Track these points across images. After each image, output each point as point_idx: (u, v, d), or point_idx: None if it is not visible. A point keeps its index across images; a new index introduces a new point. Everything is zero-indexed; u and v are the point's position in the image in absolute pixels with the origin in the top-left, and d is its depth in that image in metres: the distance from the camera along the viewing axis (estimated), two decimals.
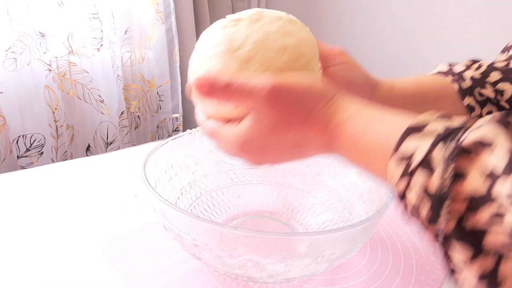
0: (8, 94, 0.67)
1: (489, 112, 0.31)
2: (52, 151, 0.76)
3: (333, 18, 1.17)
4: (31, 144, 0.73)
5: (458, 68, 0.33)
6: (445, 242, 0.15)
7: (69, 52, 0.76)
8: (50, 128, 0.74)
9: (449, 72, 0.33)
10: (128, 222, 0.36)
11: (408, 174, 0.16)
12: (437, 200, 0.15)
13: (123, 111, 0.88)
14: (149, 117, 1.00)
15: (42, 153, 0.75)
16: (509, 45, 0.34)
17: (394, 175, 0.17)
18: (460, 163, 0.14)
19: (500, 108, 0.31)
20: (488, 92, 0.31)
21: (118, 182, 0.45)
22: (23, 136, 0.71)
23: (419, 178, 0.16)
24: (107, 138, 0.86)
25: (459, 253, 0.14)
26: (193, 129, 0.38)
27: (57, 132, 0.76)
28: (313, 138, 0.22)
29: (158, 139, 1.03)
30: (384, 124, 0.20)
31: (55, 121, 0.75)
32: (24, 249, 0.32)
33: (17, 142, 0.71)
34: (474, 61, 0.33)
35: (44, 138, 0.74)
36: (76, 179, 0.46)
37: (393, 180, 0.17)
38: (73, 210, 0.39)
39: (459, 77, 0.32)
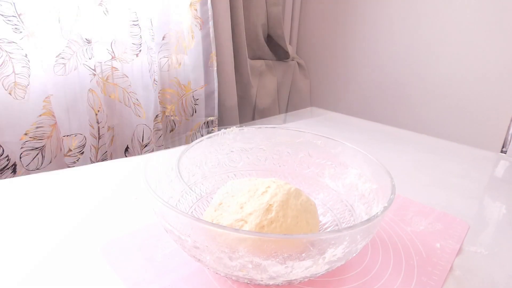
0: (58, 96, 0.72)
1: None
2: (91, 151, 0.80)
3: (365, 23, 1.15)
4: (75, 144, 0.78)
5: None
6: None
7: (112, 58, 0.80)
8: (92, 128, 0.79)
9: None
10: (128, 224, 0.37)
11: None
12: None
13: (157, 115, 0.91)
14: (184, 121, 1.02)
15: (83, 153, 0.79)
16: None
17: None
18: None
19: None
20: None
21: (119, 185, 0.46)
22: (69, 136, 0.76)
23: None
24: (142, 141, 0.90)
25: None
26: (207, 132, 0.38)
27: (98, 133, 0.80)
28: None
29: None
30: None
31: (98, 122, 0.80)
32: (23, 250, 0.33)
33: (62, 142, 0.76)
34: None
35: (85, 138, 0.78)
36: (79, 183, 0.47)
37: None
38: (73, 212, 0.39)
39: None
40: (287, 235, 0.27)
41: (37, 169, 0.74)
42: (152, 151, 0.92)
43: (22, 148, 0.71)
